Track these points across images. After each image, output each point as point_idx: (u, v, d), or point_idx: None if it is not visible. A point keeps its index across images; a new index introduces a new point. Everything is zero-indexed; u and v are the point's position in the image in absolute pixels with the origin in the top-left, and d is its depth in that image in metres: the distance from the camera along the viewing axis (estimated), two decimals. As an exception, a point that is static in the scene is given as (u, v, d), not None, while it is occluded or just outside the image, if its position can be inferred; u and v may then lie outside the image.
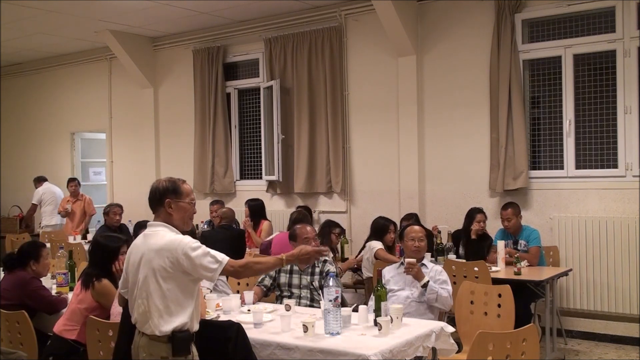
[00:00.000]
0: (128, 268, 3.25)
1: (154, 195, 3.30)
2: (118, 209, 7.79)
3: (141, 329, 3.13)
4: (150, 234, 3.22)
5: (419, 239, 4.52)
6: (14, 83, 11.30)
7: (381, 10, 6.90)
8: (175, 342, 3.09)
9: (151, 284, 3.09)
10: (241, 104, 8.92)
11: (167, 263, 3.07)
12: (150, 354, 3.10)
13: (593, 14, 6.31)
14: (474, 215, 6.19)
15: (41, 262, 4.62)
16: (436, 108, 7.14)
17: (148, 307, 3.09)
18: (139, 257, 3.17)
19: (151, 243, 3.16)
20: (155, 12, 7.99)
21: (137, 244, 3.25)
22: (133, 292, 3.18)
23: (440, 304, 4.29)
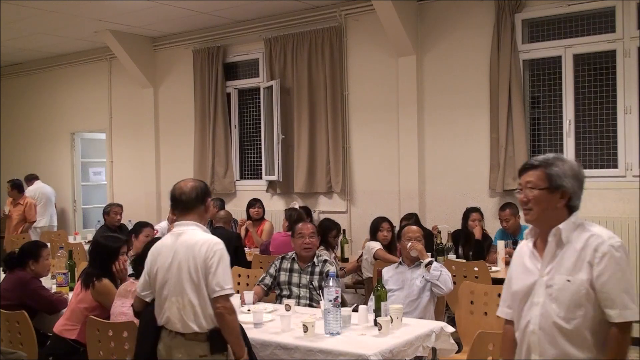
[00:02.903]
0: (155, 268, 3.22)
1: (195, 195, 3.30)
2: (118, 209, 7.77)
3: (174, 328, 3.11)
4: (182, 232, 3.23)
5: (416, 238, 4.53)
6: (14, 83, 11.30)
7: (381, 10, 6.90)
8: (214, 340, 3.10)
9: (186, 281, 3.09)
10: (241, 104, 8.92)
11: (201, 261, 3.09)
12: (188, 353, 3.09)
13: (593, 14, 6.31)
14: (468, 215, 6.19)
15: (40, 262, 4.61)
16: (436, 108, 7.14)
17: (183, 304, 3.08)
18: (170, 256, 3.17)
19: (185, 240, 3.17)
20: (155, 12, 7.99)
21: (167, 244, 3.24)
22: (162, 292, 3.16)
23: (442, 283, 4.29)
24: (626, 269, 2.30)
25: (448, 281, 4.31)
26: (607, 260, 2.29)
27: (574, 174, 2.41)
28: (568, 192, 2.40)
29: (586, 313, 2.33)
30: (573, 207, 2.42)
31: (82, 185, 10.84)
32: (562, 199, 2.40)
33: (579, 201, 2.44)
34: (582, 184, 2.43)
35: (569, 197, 2.40)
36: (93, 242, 4.74)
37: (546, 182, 2.41)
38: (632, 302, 2.28)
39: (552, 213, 2.42)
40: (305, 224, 4.84)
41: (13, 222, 9.10)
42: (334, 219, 6.70)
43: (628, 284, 2.29)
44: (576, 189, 2.41)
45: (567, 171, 2.40)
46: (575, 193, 2.41)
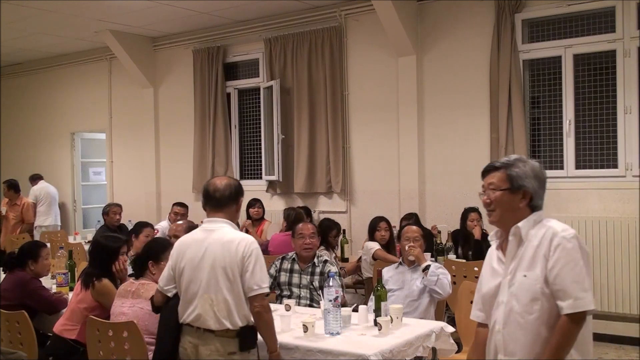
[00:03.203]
0: (182, 263, 3.22)
1: (229, 193, 3.31)
2: (117, 209, 7.77)
3: (205, 325, 3.11)
4: (214, 229, 3.24)
5: (414, 239, 4.53)
6: (14, 83, 11.31)
7: (381, 10, 6.90)
8: (244, 337, 3.12)
9: (222, 278, 3.10)
10: (241, 104, 8.92)
11: (235, 257, 3.11)
12: (218, 350, 3.10)
13: (593, 14, 6.31)
14: (467, 215, 6.19)
15: (40, 262, 4.61)
16: (436, 108, 7.14)
17: (218, 301, 3.09)
18: (201, 251, 3.17)
19: (219, 238, 3.18)
20: (155, 12, 7.99)
21: (197, 239, 3.24)
22: (190, 288, 3.16)
23: (439, 288, 4.28)
24: (579, 259, 2.32)
25: (446, 285, 4.29)
26: (559, 252, 2.33)
27: (535, 174, 2.45)
28: (529, 192, 2.44)
29: (542, 307, 2.36)
30: (535, 207, 2.46)
31: (82, 185, 10.84)
32: (523, 199, 2.44)
33: (541, 201, 2.47)
34: (543, 184, 2.47)
35: (531, 197, 2.44)
36: (93, 242, 4.74)
37: (507, 183, 2.46)
38: (583, 292, 2.30)
39: (514, 213, 2.45)
40: (305, 224, 4.84)
41: (10, 223, 9.07)
42: (334, 219, 6.70)
43: (580, 275, 2.31)
44: (537, 189, 2.45)
45: (528, 172, 2.44)
46: (537, 193, 2.45)
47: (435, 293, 4.30)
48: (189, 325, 3.19)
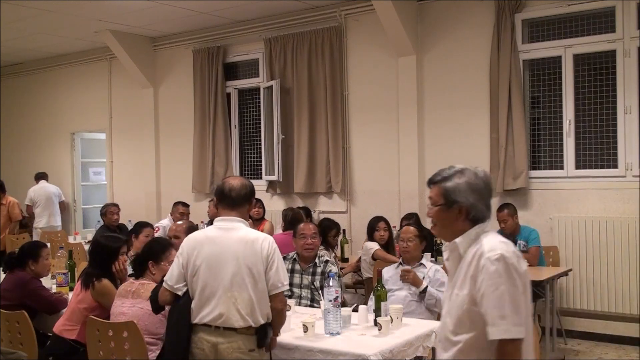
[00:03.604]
0: (198, 260, 3.21)
1: (244, 193, 3.34)
2: (115, 208, 7.76)
3: (227, 323, 3.10)
4: (230, 227, 3.26)
5: (408, 239, 4.53)
6: (14, 83, 11.31)
7: (381, 10, 6.90)
8: (262, 334, 3.16)
9: (247, 277, 3.12)
10: (241, 104, 8.92)
11: (260, 255, 3.16)
12: (239, 347, 3.12)
13: (593, 14, 6.31)
14: None
15: (40, 262, 4.60)
16: (436, 108, 7.13)
17: (241, 299, 3.11)
18: (220, 250, 3.18)
19: (242, 236, 3.21)
20: (155, 12, 7.99)
21: (213, 237, 3.24)
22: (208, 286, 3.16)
23: (439, 308, 4.29)
24: (500, 283, 2.13)
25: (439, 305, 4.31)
26: (483, 274, 2.17)
27: (472, 187, 2.34)
28: (464, 207, 2.32)
29: (468, 329, 2.22)
30: (477, 220, 2.33)
31: (82, 185, 10.84)
32: (460, 214, 2.33)
33: (484, 212, 2.34)
34: (483, 196, 2.34)
35: (467, 211, 2.33)
36: (93, 242, 4.74)
37: (442, 198, 2.38)
38: (500, 319, 2.11)
39: (452, 229, 2.36)
40: (307, 224, 4.83)
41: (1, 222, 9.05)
42: (334, 219, 6.70)
43: (499, 300, 2.12)
44: (474, 201, 2.32)
45: (462, 186, 2.34)
46: (474, 206, 2.32)
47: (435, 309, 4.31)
48: (206, 325, 3.17)
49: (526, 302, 2.18)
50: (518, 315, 2.12)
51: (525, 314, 2.16)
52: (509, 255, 2.18)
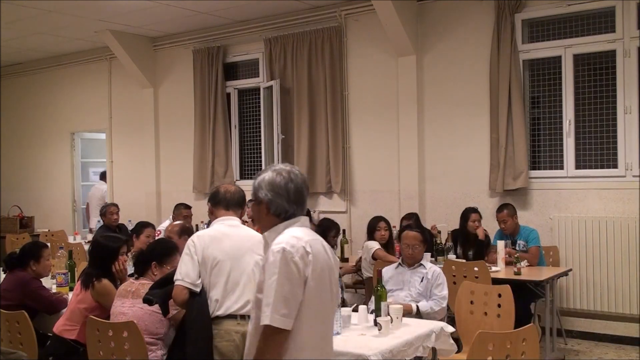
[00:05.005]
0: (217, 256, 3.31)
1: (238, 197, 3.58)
2: (114, 208, 7.77)
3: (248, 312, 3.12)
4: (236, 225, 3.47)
5: (413, 246, 4.54)
6: (14, 83, 11.30)
7: (381, 10, 6.90)
8: None
9: None
10: (241, 104, 8.91)
11: None
12: None
13: (593, 14, 6.31)
14: (468, 215, 6.20)
15: (41, 263, 4.61)
16: (436, 108, 7.14)
17: None
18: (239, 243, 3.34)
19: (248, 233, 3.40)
20: (155, 12, 7.99)
21: (227, 233, 3.38)
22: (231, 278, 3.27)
23: (439, 315, 4.31)
24: (273, 273, 2.24)
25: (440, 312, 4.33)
26: (266, 265, 2.30)
27: (270, 183, 2.43)
28: (264, 202, 2.43)
29: (255, 314, 2.34)
30: (280, 215, 2.43)
31: (82, 185, 10.84)
32: (264, 209, 2.44)
33: (286, 208, 2.42)
34: (281, 192, 2.42)
35: (267, 206, 2.43)
36: (93, 242, 4.74)
37: (252, 195, 2.51)
38: (265, 306, 2.22)
39: (264, 223, 2.47)
40: (306, 225, 4.84)
41: None
42: (334, 219, 6.70)
43: (269, 288, 2.23)
44: (273, 197, 2.42)
45: (263, 182, 2.45)
46: (273, 202, 2.42)
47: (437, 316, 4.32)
48: (230, 316, 3.25)
49: (312, 298, 2.26)
50: (286, 307, 2.21)
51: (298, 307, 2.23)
52: (290, 249, 2.26)
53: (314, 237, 2.40)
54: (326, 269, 2.35)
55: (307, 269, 2.27)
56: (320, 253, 2.34)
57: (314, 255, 2.30)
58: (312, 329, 2.30)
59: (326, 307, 2.36)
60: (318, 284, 2.30)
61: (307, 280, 2.26)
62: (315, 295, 2.28)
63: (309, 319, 2.28)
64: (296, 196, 2.44)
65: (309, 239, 2.34)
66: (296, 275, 2.25)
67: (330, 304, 2.40)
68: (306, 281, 2.26)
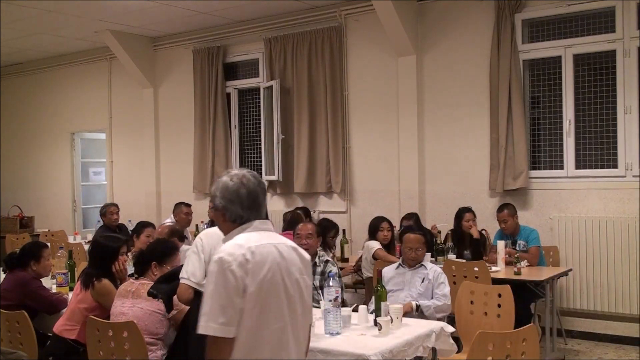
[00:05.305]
0: None
1: None
2: (114, 208, 7.76)
3: None
4: None
5: (416, 249, 4.54)
6: (14, 83, 11.30)
7: (381, 10, 6.90)
8: None
9: None
10: (241, 104, 8.91)
11: None
12: None
13: (593, 14, 6.31)
14: (462, 215, 6.19)
15: (42, 263, 4.62)
16: (436, 108, 7.14)
17: None
18: None
19: None
20: (155, 12, 7.99)
21: None
22: None
23: (441, 313, 4.30)
24: (210, 282, 2.25)
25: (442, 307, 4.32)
26: None
27: (223, 190, 2.44)
28: (219, 209, 2.45)
29: None
30: (237, 221, 2.43)
31: (82, 185, 10.84)
32: (220, 216, 2.46)
33: (242, 214, 2.42)
34: (233, 198, 2.42)
35: (222, 213, 2.44)
36: (93, 242, 4.75)
37: (210, 201, 2.52)
38: (202, 315, 2.23)
39: (223, 228, 2.48)
40: (305, 225, 4.84)
41: None
42: (334, 219, 6.71)
43: (206, 297, 2.24)
44: (226, 204, 2.42)
45: (216, 188, 2.46)
46: (227, 208, 2.42)
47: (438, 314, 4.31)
48: None
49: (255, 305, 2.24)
50: (223, 315, 2.21)
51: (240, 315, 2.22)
52: (227, 258, 2.24)
53: (267, 240, 2.36)
54: (278, 274, 2.31)
55: (247, 277, 2.24)
56: (268, 258, 2.31)
57: (257, 262, 2.27)
58: (258, 335, 2.26)
59: (279, 312, 2.31)
60: (263, 290, 2.27)
61: (246, 288, 2.23)
62: (259, 302, 2.26)
63: (254, 326, 2.25)
64: (250, 201, 2.42)
65: (255, 245, 2.31)
66: (233, 284, 2.22)
67: (287, 308, 2.34)
68: (246, 289, 2.23)
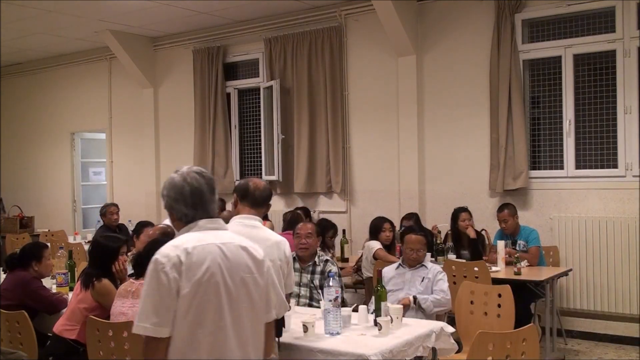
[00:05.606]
0: None
1: (266, 195, 3.50)
2: (114, 208, 7.77)
3: None
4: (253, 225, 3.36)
5: (418, 250, 4.54)
6: (14, 83, 11.30)
7: (381, 10, 6.90)
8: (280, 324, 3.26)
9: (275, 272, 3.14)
10: (241, 104, 8.91)
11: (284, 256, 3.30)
12: None
13: (593, 14, 6.31)
14: (458, 215, 6.19)
15: (43, 263, 4.62)
16: (436, 108, 7.14)
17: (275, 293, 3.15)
18: None
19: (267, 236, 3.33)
20: (155, 12, 7.99)
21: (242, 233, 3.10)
22: None
23: (440, 307, 4.30)
24: (146, 283, 2.25)
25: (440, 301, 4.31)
26: None
27: (168, 188, 2.44)
28: (166, 207, 2.45)
29: None
30: (183, 219, 2.41)
31: (82, 185, 10.83)
32: (170, 214, 2.46)
33: (186, 212, 2.40)
34: (177, 196, 2.41)
35: (170, 213, 2.44)
36: (93, 242, 4.75)
37: None
38: (137, 315, 2.23)
39: (176, 228, 2.46)
40: (305, 225, 4.84)
41: None
42: (334, 219, 6.71)
43: (141, 298, 2.25)
44: (172, 202, 2.42)
45: (163, 188, 2.46)
46: (172, 207, 2.42)
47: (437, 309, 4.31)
48: None
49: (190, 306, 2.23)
50: (156, 316, 2.21)
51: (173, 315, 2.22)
52: (162, 259, 2.24)
53: (211, 240, 2.34)
54: (218, 274, 2.29)
55: (181, 279, 2.23)
56: (207, 258, 2.29)
57: (193, 262, 2.25)
58: (195, 336, 2.25)
59: (218, 313, 2.29)
60: (199, 291, 2.25)
61: (180, 289, 2.22)
62: (195, 303, 2.24)
63: (190, 327, 2.24)
64: (194, 199, 2.40)
65: (192, 246, 2.28)
66: (166, 286, 2.22)
67: (228, 309, 2.31)
68: (179, 290, 2.22)
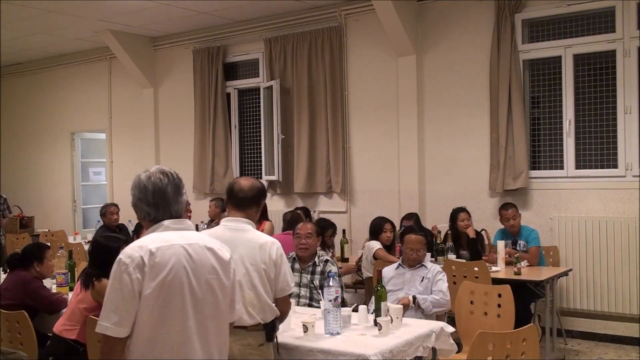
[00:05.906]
0: None
1: (252, 195, 3.35)
2: (114, 208, 7.77)
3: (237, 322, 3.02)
4: (238, 228, 3.27)
5: (418, 250, 4.54)
6: (14, 83, 11.30)
7: (381, 10, 6.90)
8: (270, 329, 3.22)
9: (257, 277, 3.16)
10: (241, 104, 8.92)
11: (268, 259, 3.19)
12: (249, 344, 3.17)
13: (593, 14, 6.32)
14: (456, 215, 6.18)
15: (45, 264, 4.63)
16: (436, 108, 7.14)
17: (251, 299, 3.14)
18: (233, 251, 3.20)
19: (251, 238, 3.24)
20: (155, 12, 7.99)
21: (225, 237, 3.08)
22: None
23: (439, 307, 4.30)
24: (110, 283, 2.28)
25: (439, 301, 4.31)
26: None
27: (134, 188, 2.45)
28: (132, 206, 2.45)
29: None
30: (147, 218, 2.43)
31: (82, 185, 10.84)
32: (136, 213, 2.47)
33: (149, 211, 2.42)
34: (141, 195, 2.42)
35: (136, 212, 2.45)
36: (93, 242, 4.75)
37: None
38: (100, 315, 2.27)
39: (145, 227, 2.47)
40: (305, 225, 4.83)
41: None
42: (334, 219, 6.71)
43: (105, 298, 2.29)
44: (136, 201, 2.44)
45: (131, 187, 2.47)
46: (137, 206, 2.44)
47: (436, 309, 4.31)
48: None
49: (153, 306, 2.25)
50: (116, 315, 2.24)
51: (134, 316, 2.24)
52: (125, 260, 2.27)
53: (176, 241, 2.34)
54: (182, 275, 2.30)
55: (143, 279, 2.25)
56: (171, 259, 2.29)
57: (156, 263, 2.27)
58: (157, 336, 2.26)
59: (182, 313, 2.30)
60: (162, 292, 2.26)
61: (142, 290, 2.24)
62: (158, 303, 2.26)
63: (152, 327, 2.25)
64: (156, 199, 2.41)
65: (157, 246, 2.29)
66: (129, 286, 2.24)
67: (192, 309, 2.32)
68: (142, 291, 2.24)
